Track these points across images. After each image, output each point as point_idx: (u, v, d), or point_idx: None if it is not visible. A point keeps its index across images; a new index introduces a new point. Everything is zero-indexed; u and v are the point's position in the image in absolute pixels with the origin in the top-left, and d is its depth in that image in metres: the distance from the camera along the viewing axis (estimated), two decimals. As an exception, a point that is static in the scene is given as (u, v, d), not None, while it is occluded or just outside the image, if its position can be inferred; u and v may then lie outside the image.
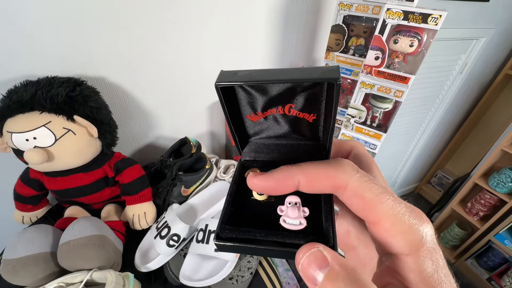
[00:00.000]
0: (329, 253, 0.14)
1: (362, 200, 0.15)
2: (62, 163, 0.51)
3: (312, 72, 0.16)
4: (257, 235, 0.17)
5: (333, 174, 0.15)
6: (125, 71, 0.64)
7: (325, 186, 0.16)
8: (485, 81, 1.61)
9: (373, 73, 0.63)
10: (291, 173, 0.16)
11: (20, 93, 0.47)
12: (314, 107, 0.19)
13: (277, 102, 0.19)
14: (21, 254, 0.42)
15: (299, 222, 0.17)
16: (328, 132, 0.19)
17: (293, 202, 0.18)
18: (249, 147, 0.24)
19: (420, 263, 0.13)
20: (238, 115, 0.21)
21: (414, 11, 0.52)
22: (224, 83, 0.17)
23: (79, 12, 0.53)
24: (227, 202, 0.20)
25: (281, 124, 0.22)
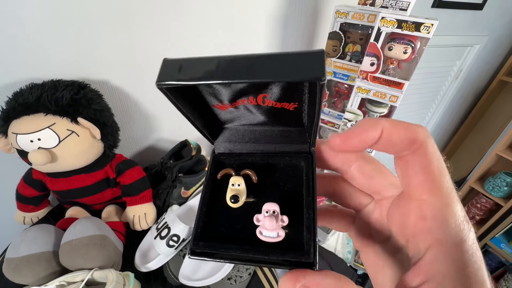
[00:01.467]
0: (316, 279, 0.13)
1: (426, 163, 0.14)
2: (65, 164, 0.52)
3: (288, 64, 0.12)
4: (232, 252, 0.16)
5: (413, 128, 0.14)
6: (127, 75, 0.66)
7: (403, 137, 0.14)
8: (480, 87, 1.64)
9: (369, 78, 0.65)
10: (374, 121, 0.15)
11: (26, 95, 0.48)
12: (295, 96, 0.17)
13: (247, 92, 0.17)
14: (24, 253, 0.43)
15: (276, 234, 0.16)
16: (313, 119, 0.16)
17: (271, 210, 0.16)
18: (223, 136, 0.21)
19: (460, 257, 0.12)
20: (200, 106, 0.18)
21: (407, 20, 0.55)
22: (167, 84, 0.14)
23: (83, 17, 0.55)
24: (200, 211, 0.18)
25: (256, 113, 0.19)
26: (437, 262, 0.13)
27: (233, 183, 0.18)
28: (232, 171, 0.19)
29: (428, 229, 0.14)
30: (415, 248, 0.14)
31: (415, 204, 0.14)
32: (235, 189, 0.18)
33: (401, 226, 0.16)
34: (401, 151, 0.15)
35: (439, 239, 0.13)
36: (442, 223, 0.13)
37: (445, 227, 0.13)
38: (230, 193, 0.18)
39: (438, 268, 0.13)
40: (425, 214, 0.14)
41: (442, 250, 0.13)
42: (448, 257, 0.13)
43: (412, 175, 0.15)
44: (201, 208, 0.18)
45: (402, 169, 0.15)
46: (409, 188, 0.15)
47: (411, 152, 0.14)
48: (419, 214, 0.14)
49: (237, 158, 0.20)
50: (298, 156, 0.19)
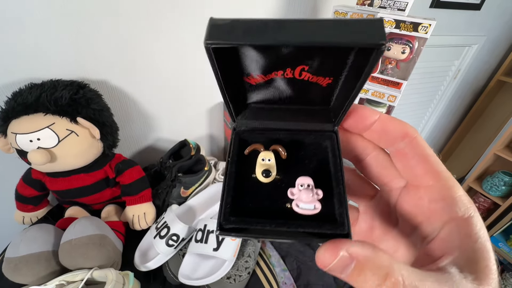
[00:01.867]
0: (354, 248, 0.13)
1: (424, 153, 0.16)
2: (64, 164, 0.52)
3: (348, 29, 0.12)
4: (266, 226, 0.15)
5: (404, 123, 0.17)
6: (126, 74, 0.66)
7: (397, 129, 0.16)
8: (478, 86, 1.64)
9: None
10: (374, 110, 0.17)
11: (25, 95, 0.48)
12: (334, 70, 0.16)
13: (287, 63, 0.16)
14: (23, 252, 0.43)
15: (313, 206, 0.16)
16: (348, 98, 0.16)
17: (306, 184, 0.16)
18: (245, 114, 0.20)
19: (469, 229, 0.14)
20: (233, 75, 0.17)
21: (405, 20, 0.55)
22: (219, 43, 0.13)
23: (82, 16, 0.55)
24: (227, 186, 0.17)
25: (285, 88, 0.19)
26: (452, 237, 0.14)
27: (263, 158, 0.18)
28: (261, 146, 0.18)
29: (441, 210, 0.15)
30: (430, 228, 0.16)
31: (424, 190, 0.16)
32: (266, 164, 0.18)
33: (413, 212, 0.17)
34: (395, 143, 0.17)
35: (452, 217, 0.15)
36: (452, 202, 0.15)
37: (455, 206, 0.15)
38: (261, 168, 0.18)
39: (454, 242, 0.14)
40: (435, 197, 0.16)
41: (456, 225, 0.14)
42: (462, 231, 0.14)
43: (414, 165, 0.16)
44: (228, 183, 0.17)
45: (402, 162, 0.17)
46: (414, 178, 0.17)
47: (407, 144, 0.16)
48: (430, 198, 0.16)
49: (260, 136, 0.20)
50: (322, 134, 0.19)
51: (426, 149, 0.16)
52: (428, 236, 0.16)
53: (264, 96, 0.20)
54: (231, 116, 0.20)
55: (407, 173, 0.17)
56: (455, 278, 0.13)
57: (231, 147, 0.19)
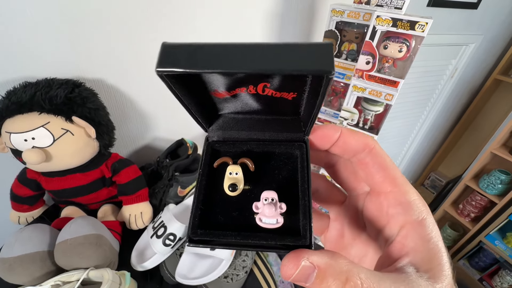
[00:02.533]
0: (314, 257, 0.14)
1: (382, 162, 0.17)
2: (60, 163, 0.52)
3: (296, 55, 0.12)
4: (231, 239, 0.16)
5: (364, 135, 0.18)
6: (122, 73, 0.65)
7: (358, 142, 0.18)
8: (475, 85, 1.65)
9: (365, 77, 0.65)
10: (334, 126, 0.18)
11: (19, 94, 0.47)
12: (295, 87, 0.17)
13: (248, 81, 0.16)
14: (18, 252, 0.43)
15: (275, 220, 0.16)
16: (312, 112, 0.17)
17: (269, 198, 0.17)
18: (217, 124, 0.20)
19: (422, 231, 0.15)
20: (198, 92, 0.18)
21: (402, 19, 0.55)
22: (170, 71, 0.13)
23: (77, 15, 0.55)
24: (196, 200, 0.18)
25: (252, 102, 0.19)
26: (408, 239, 0.16)
27: (230, 171, 0.18)
28: (229, 159, 0.19)
29: (398, 214, 0.16)
30: (389, 232, 0.17)
31: (383, 196, 0.18)
32: (233, 178, 0.18)
33: (376, 217, 0.18)
34: (357, 154, 0.18)
35: (407, 220, 0.16)
36: (407, 207, 0.16)
37: (410, 210, 0.16)
38: (228, 181, 0.18)
39: (409, 244, 0.15)
40: (393, 202, 0.17)
41: (411, 228, 0.16)
42: (416, 234, 0.15)
43: (374, 173, 0.18)
44: (198, 196, 0.18)
45: (364, 170, 0.18)
46: (375, 185, 0.18)
47: (367, 154, 0.18)
48: (389, 203, 0.17)
49: (232, 146, 0.20)
50: (292, 144, 0.20)
51: (384, 158, 0.17)
52: (388, 239, 0.17)
53: (234, 108, 0.20)
54: (202, 127, 0.20)
55: (369, 180, 0.18)
56: (412, 277, 0.13)
57: (203, 158, 0.19)
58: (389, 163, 0.17)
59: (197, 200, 0.18)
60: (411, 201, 0.16)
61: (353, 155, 0.18)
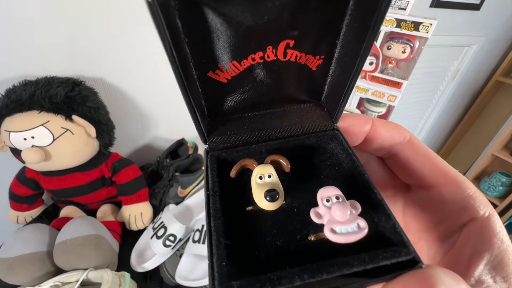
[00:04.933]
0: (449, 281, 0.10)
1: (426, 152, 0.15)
2: (59, 163, 0.51)
3: None
4: (295, 279, 0.10)
5: (398, 126, 0.16)
6: (123, 72, 0.65)
7: (394, 133, 0.15)
8: (477, 87, 1.65)
9: (368, 78, 0.65)
10: (365, 116, 0.16)
11: (19, 92, 0.47)
12: (326, 43, 0.12)
13: (267, 39, 0.12)
14: (17, 253, 0.42)
15: (357, 225, 0.11)
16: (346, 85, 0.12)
17: (333, 196, 0.11)
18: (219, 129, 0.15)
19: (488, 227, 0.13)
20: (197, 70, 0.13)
21: (406, 19, 0.54)
22: None
23: (78, 13, 0.54)
24: (215, 232, 0.11)
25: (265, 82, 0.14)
26: (476, 238, 0.13)
27: (260, 175, 0.13)
28: (253, 162, 0.13)
29: (457, 210, 0.14)
30: (447, 230, 0.15)
31: (434, 191, 0.15)
32: (267, 183, 0.12)
33: (424, 215, 0.16)
34: (393, 147, 0.16)
35: (471, 216, 0.14)
36: (469, 202, 0.14)
37: (473, 205, 0.14)
38: (262, 189, 0.12)
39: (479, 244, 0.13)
40: (448, 197, 0.14)
41: (477, 226, 0.13)
42: (484, 232, 0.13)
43: (418, 166, 0.15)
44: (216, 228, 0.11)
45: (403, 165, 0.16)
46: (421, 179, 0.16)
47: (405, 146, 0.15)
48: (442, 199, 0.15)
49: (246, 152, 0.15)
50: (322, 136, 0.15)
51: (426, 148, 0.15)
52: (449, 238, 0.15)
53: (241, 100, 0.15)
54: (201, 135, 0.15)
55: (411, 175, 0.16)
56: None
57: (208, 175, 0.14)
58: (433, 153, 0.15)
59: (216, 234, 0.11)
60: (473, 195, 0.14)
61: (388, 149, 0.16)
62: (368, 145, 0.16)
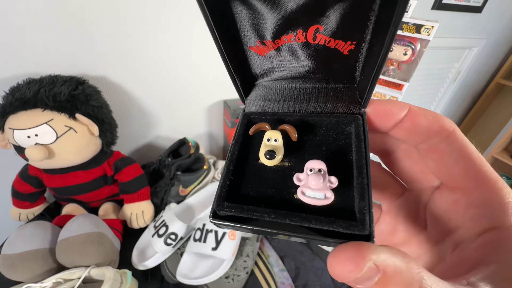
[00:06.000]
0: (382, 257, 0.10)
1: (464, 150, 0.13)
2: (62, 161, 0.51)
3: None
4: (264, 215, 0.13)
5: (440, 115, 0.14)
6: (125, 71, 0.65)
7: (433, 124, 0.14)
8: (477, 89, 1.65)
9: (369, 79, 0.65)
10: (402, 102, 0.15)
11: (23, 90, 0.47)
12: (356, 28, 0.13)
13: (297, 22, 0.13)
14: (20, 249, 0.43)
15: (324, 195, 0.13)
16: (374, 68, 0.13)
17: (316, 168, 0.13)
18: (256, 93, 0.18)
19: None
20: (237, 45, 0.15)
21: (408, 22, 0.55)
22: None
23: (82, 12, 0.54)
24: (226, 169, 0.15)
25: (300, 59, 0.16)
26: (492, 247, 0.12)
27: (268, 138, 0.16)
28: (267, 125, 0.16)
29: (481, 216, 0.13)
30: (464, 235, 0.13)
31: (461, 192, 0.14)
32: (271, 145, 0.15)
33: (447, 217, 0.15)
34: (429, 138, 0.14)
35: (495, 225, 0.12)
36: (498, 209, 0.12)
37: (502, 212, 0.12)
38: (265, 148, 0.15)
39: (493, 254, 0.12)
40: (475, 201, 0.13)
41: (498, 235, 0.12)
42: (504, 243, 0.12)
43: (451, 164, 0.14)
44: (228, 166, 0.15)
45: (436, 160, 0.15)
46: (450, 178, 0.14)
47: (442, 140, 0.14)
48: (469, 202, 0.13)
49: (271, 117, 0.17)
50: (345, 117, 0.16)
51: (466, 145, 0.14)
52: (461, 244, 0.13)
53: (277, 71, 0.17)
54: (240, 95, 0.17)
55: (442, 172, 0.15)
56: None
57: (237, 128, 0.17)
58: (472, 152, 0.13)
59: (226, 170, 0.15)
60: (506, 202, 0.12)
61: (423, 140, 0.15)
62: (401, 133, 0.15)
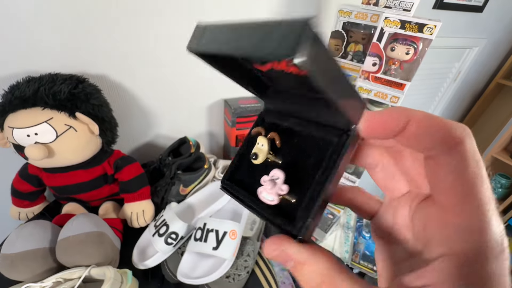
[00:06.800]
0: (293, 250, 0.14)
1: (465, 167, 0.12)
2: (62, 160, 0.51)
3: None
4: (240, 196, 0.19)
5: (449, 124, 0.13)
6: (126, 69, 0.65)
7: (437, 134, 0.13)
8: (478, 89, 1.65)
9: (371, 78, 0.65)
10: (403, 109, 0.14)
11: (23, 88, 0.47)
12: None
13: None
14: (19, 249, 0.42)
15: (272, 198, 0.17)
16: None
17: (275, 176, 0.17)
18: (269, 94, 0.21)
19: None
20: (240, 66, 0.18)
21: (410, 21, 0.54)
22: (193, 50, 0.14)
23: (82, 9, 0.54)
24: (237, 156, 0.21)
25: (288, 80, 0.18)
26: (445, 273, 0.11)
27: (258, 142, 0.19)
28: (262, 130, 0.20)
29: (445, 237, 0.12)
30: (427, 254, 0.13)
31: (438, 208, 0.13)
32: (258, 148, 0.19)
33: (419, 231, 0.14)
34: (430, 149, 0.13)
35: (455, 251, 0.12)
36: (466, 234, 0.11)
37: (468, 239, 0.11)
38: (253, 150, 0.19)
39: (444, 280, 0.11)
40: (447, 220, 0.12)
41: (455, 262, 0.11)
42: (462, 272, 0.11)
43: (442, 177, 0.13)
44: (238, 153, 0.21)
45: (431, 170, 0.14)
46: (435, 191, 0.14)
47: (444, 152, 0.13)
48: (440, 220, 0.13)
49: (276, 118, 0.20)
50: (332, 130, 0.17)
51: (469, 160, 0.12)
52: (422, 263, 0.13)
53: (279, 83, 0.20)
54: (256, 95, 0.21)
55: (431, 184, 0.14)
56: None
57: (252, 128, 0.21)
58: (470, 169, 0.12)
59: (236, 156, 0.21)
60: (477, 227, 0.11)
61: (424, 149, 0.14)
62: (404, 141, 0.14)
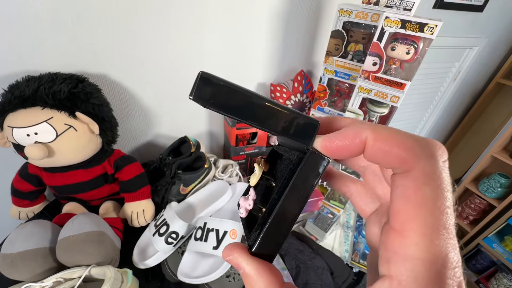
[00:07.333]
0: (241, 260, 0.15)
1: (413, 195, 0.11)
2: (62, 159, 0.51)
3: None
4: None
5: (408, 143, 0.12)
6: (126, 69, 0.65)
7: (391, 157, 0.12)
8: (477, 88, 1.65)
9: (371, 78, 0.65)
10: (358, 130, 0.13)
11: (22, 88, 0.47)
12: None
13: None
14: (19, 248, 0.42)
15: (242, 211, 0.21)
16: None
17: (251, 194, 0.21)
18: None
19: None
20: None
21: (411, 20, 0.54)
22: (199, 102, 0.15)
23: (82, 9, 0.54)
24: None
25: None
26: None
27: (254, 167, 0.23)
28: (259, 161, 0.23)
29: (386, 259, 0.12)
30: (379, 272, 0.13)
31: (389, 228, 0.12)
32: (253, 174, 0.22)
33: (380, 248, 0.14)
34: (388, 169, 0.13)
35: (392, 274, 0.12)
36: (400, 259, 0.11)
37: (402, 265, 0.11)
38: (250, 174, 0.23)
39: None
40: (391, 242, 0.12)
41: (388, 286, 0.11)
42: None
43: (393, 199, 0.12)
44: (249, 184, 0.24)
45: (391, 189, 0.13)
46: (389, 211, 0.13)
47: (399, 174, 0.12)
48: (387, 240, 0.12)
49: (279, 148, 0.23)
50: (297, 152, 0.18)
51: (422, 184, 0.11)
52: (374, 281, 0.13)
53: None
54: None
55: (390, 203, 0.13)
56: None
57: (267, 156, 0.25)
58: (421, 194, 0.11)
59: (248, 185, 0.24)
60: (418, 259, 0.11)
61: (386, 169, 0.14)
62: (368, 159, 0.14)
